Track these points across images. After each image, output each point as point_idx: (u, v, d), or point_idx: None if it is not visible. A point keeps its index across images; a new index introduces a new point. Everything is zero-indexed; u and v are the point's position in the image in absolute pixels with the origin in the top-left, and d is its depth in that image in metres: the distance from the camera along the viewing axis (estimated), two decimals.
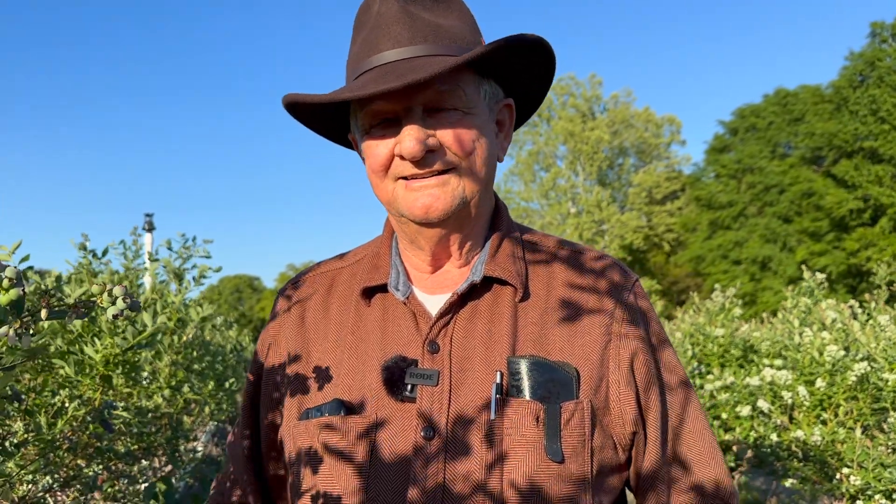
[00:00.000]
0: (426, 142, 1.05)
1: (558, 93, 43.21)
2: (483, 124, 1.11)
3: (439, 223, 1.12)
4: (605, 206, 41.33)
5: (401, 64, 1.05)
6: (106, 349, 2.28)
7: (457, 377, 1.09)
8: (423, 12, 1.10)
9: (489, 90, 1.14)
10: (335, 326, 1.21)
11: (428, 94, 1.05)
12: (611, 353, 1.12)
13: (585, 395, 1.08)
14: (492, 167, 1.14)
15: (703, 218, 39.76)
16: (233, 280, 71.42)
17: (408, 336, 1.14)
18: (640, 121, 43.11)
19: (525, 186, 43.81)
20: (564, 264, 1.20)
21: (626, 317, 1.15)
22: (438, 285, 1.19)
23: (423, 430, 1.06)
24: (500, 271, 1.14)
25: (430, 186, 1.08)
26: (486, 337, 1.11)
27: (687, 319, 5.93)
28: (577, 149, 41.93)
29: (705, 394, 4.96)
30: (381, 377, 1.11)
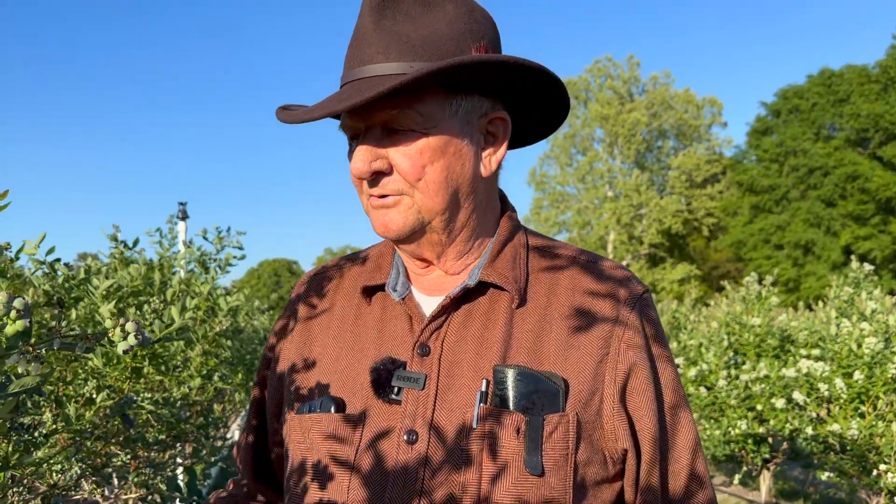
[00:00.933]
0: (372, 164, 1.06)
1: (595, 75, 42.73)
2: (445, 144, 1.07)
3: (403, 241, 1.13)
4: (643, 189, 40.84)
5: (357, 84, 1.05)
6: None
7: (444, 382, 1.08)
8: (400, 23, 1.06)
9: (468, 105, 1.09)
10: (337, 323, 1.22)
11: (384, 115, 1.04)
12: (607, 366, 1.09)
13: (573, 407, 1.05)
14: (458, 184, 1.10)
15: (745, 202, 39.08)
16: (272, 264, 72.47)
17: (401, 337, 1.14)
18: (679, 102, 42.42)
19: (561, 170, 43.49)
20: (572, 272, 1.17)
21: (630, 330, 1.11)
22: (436, 287, 1.18)
23: (406, 433, 1.06)
24: (496, 276, 1.12)
25: (385, 206, 1.09)
26: (478, 342, 1.10)
27: (723, 307, 5.83)
28: (615, 131, 41.45)
29: (740, 384, 4.89)
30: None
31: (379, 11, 1.06)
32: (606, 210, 40.87)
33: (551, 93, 1.15)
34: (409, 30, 1.05)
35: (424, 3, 1.08)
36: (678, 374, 1.17)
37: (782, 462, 5.20)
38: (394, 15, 1.06)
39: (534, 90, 1.14)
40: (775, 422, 4.54)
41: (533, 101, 1.17)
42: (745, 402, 4.85)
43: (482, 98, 1.11)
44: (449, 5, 1.08)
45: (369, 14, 1.06)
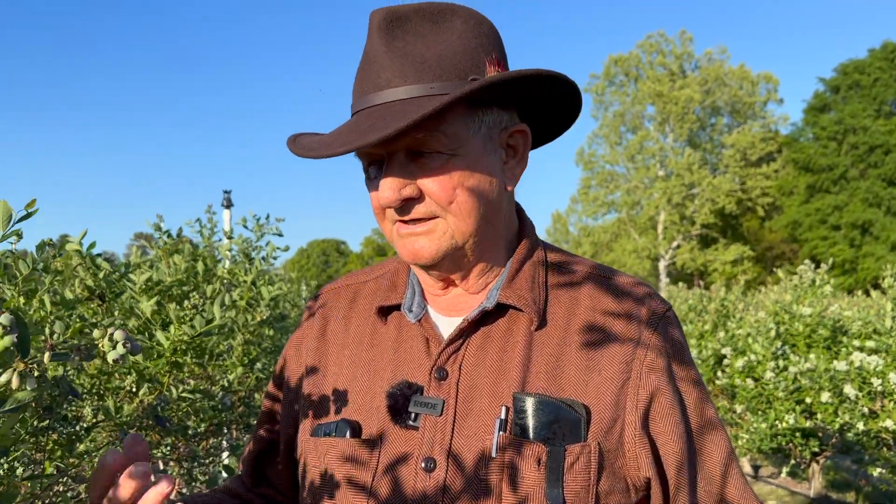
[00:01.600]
0: (402, 191, 1.03)
1: (647, 51, 41.85)
2: (472, 163, 1.05)
3: (432, 266, 1.10)
4: (695, 168, 40.01)
5: (376, 111, 1.02)
6: (174, 337, 2.35)
7: (462, 408, 1.06)
8: (412, 44, 1.03)
9: (489, 120, 1.07)
10: (353, 342, 1.20)
11: (408, 140, 1.01)
12: (629, 391, 1.05)
13: (595, 436, 1.03)
14: (487, 203, 1.08)
15: (801, 181, 37.99)
16: (320, 244, 73.37)
17: (418, 359, 1.12)
18: (734, 79, 41.31)
19: (610, 149, 42.85)
20: (591, 290, 1.14)
21: (652, 352, 1.07)
22: (453, 307, 1.16)
23: (423, 460, 1.04)
24: (515, 298, 1.09)
25: (417, 234, 1.06)
26: (497, 366, 1.07)
27: (771, 296, 5.68)
28: (667, 109, 40.62)
29: (788, 376, 4.76)
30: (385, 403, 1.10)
31: (389, 33, 1.03)
32: (657, 190, 40.18)
33: (566, 99, 1.13)
34: (422, 49, 1.03)
35: (432, 20, 1.05)
36: (706, 394, 1.12)
37: (832, 456, 5.07)
38: (404, 35, 1.04)
39: (549, 97, 1.12)
40: (824, 416, 4.42)
41: (546, 107, 1.15)
42: (793, 395, 4.72)
43: (500, 111, 1.09)
44: (457, 20, 1.06)
45: (379, 36, 1.03)
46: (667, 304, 1.13)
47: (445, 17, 1.06)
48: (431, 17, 1.05)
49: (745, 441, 5.03)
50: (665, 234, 40.93)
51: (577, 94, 1.11)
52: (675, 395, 1.07)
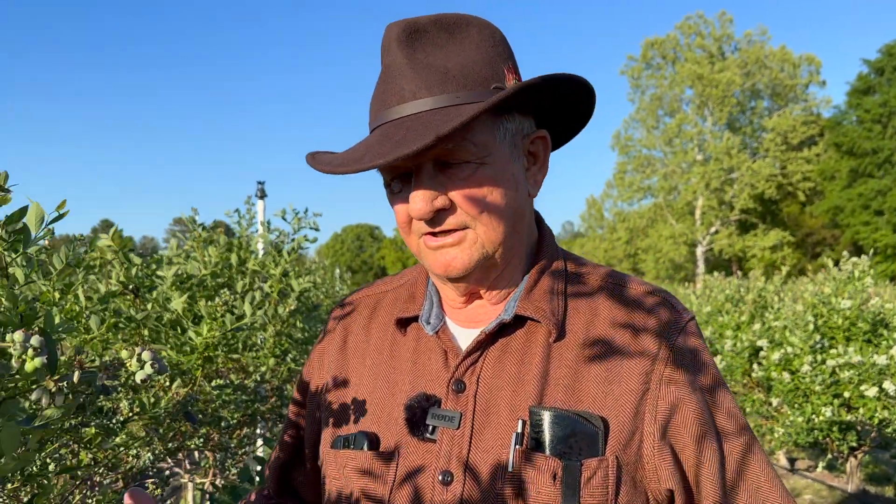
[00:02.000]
0: (433, 202, 1.03)
1: (685, 32, 41.11)
2: (499, 171, 1.05)
3: (462, 278, 1.09)
4: (734, 153, 39.32)
5: (403, 123, 1.02)
6: (204, 334, 2.38)
7: (479, 420, 1.06)
8: (433, 55, 1.04)
9: (512, 127, 1.08)
10: (373, 353, 1.21)
11: (436, 150, 1.01)
12: (648, 403, 1.05)
13: (613, 450, 1.02)
14: (514, 211, 1.08)
15: (844, 165, 37.10)
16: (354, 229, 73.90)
17: (436, 371, 1.12)
18: (775, 61, 40.40)
19: (647, 133, 42.30)
20: (609, 300, 1.13)
21: (672, 362, 1.06)
22: (472, 318, 1.15)
23: (441, 473, 1.04)
24: (533, 310, 1.09)
25: (448, 245, 1.06)
26: (515, 378, 1.07)
27: (811, 288, 5.57)
28: (706, 92, 39.92)
29: (826, 369, 4.67)
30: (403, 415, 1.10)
31: (409, 45, 1.04)
32: (695, 174, 39.59)
33: (580, 102, 1.13)
34: (443, 60, 1.04)
35: (449, 31, 1.07)
36: (731, 402, 1.10)
37: (870, 451, 4.97)
38: (423, 47, 1.05)
39: (564, 101, 1.12)
40: (864, 410, 4.33)
41: (560, 111, 1.15)
42: (830, 389, 4.63)
43: (521, 117, 1.10)
44: (472, 31, 1.08)
45: (399, 49, 1.04)
46: (688, 314, 1.12)
47: (461, 27, 1.07)
48: (448, 29, 1.07)
49: (781, 434, 4.96)
50: (703, 220, 40.37)
51: (592, 97, 1.11)
52: (696, 404, 1.05)
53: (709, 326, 6.63)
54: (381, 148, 0.99)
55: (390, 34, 1.06)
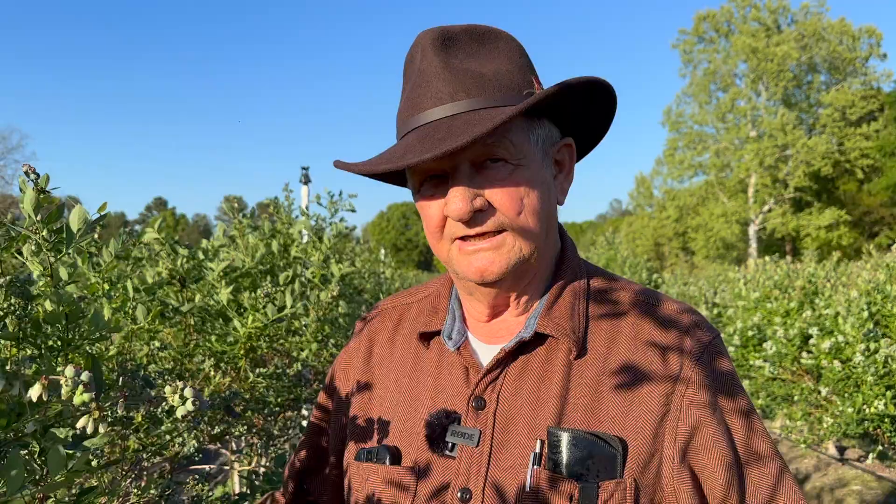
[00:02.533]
0: (473, 202, 1.02)
1: (739, 5, 39.91)
2: (535, 174, 1.06)
3: (495, 283, 1.08)
4: (790, 129, 38.19)
5: (443, 123, 1.02)
6: (247, 325, 2.43)
7: (499, 438, 1.06)
8: (466, 62, 1.05)
9: (543, 133, 1.09)
10: (396, 366, 1.22)
11: (475, 149, 1.02)
12: (668, 425, 1.03)
13: (631, 472, 1.01)
14: (548, 216, 1.09)
15: None
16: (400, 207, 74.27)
17: (457, 387, 1.12)
18: (833, 33, 38.96)
19: (699, 109, 41.36)
20: (633, 319, 1.11)
21: (694, 384, 1.05)
22: (494, 334, 1.15)
23: (459, 490, 1.05)
24: (553, 327, 1.08)
25: (485, 249, 1.05)
26: (534, 397, 1.07)
27: (864, 275, 5.41)
28: (760, 66, 38.78)
29: (879, 359, 4.55)
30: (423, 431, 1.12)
31: (444, 51, 1.05)
32: (748, 151, 38.61)
33: (604, 111, 1.14)
34: (477, 67, 1.05)
35: (479, 41, 1.08)
36: (756, 425, 1.08)
37: None
38: (457, 53, 1.06)
39: (588, 109, 1.13)
40: None
41: (584, 120, 1.16)
42: (883, 380, 4.51)
43: (550, 125, 1.11)
44: (500, 42, 1.09)
45: (434, 55, 1.05)
46: (712, 333, 1.10)
47: (490, 38, 1.09)
48: (478, 38, 1.08)
49: (830, 424, 4.86)
50: (756, 198, 39.43)
51: (613, 104, 1.12)
52: (718, 427, 1.04)
53: (757, 312, 6.51)
54: (423, 146, 0.99)
55: (424, 41, 1.07)
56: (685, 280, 11.42)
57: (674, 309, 1.12)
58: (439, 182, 1.06)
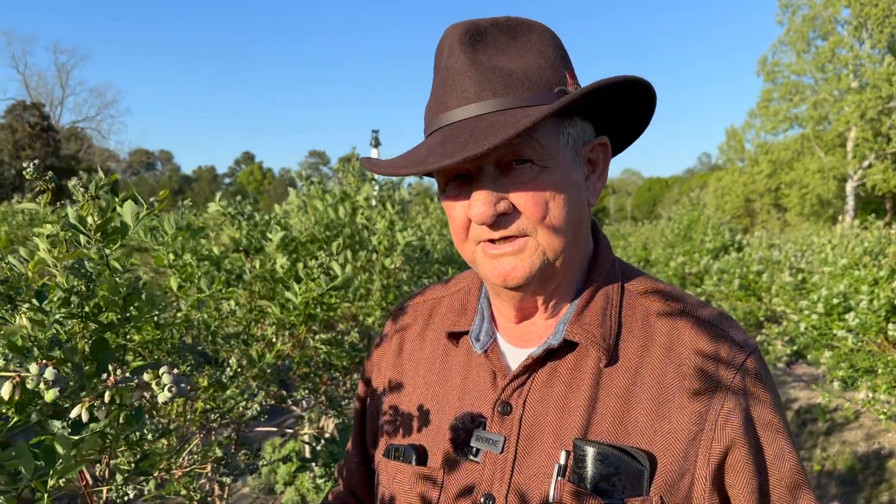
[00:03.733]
0: (496, 206, 0.99)
1: None
2: (562, 176, 1.02)
3: (519, 287, 1.06)
4: (895, 79, 35.77)
5: (467, 124, 0.98)
6: (304, 294, 2.50)
7: (523, 446, 1.04)
8: (495, 58, 1.01)
9: (574, 132, 1.05)
10: (426, 363, 1.21)
11: (499, 151, 0.98)
12: (701, 444, 1.00)
13: (658, 490, 0.98)
14: (576, 219, 1.05)
15: None
16: None
17: (483, 391, 1.11)
18: None
19: (797, 57, 39.16)
20: (668, 326, 1.07)
21: (730, 401, 1.00)
22: (524, 338, 1.13)
23: (483, 496, 1.04)
24: (583, 334, 1.05)
25: (508, 254, 1.02)
26: (562, 405, 1.05)
27: None
28: (864, 12, 36.27)
29: None
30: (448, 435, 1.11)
31: (471, 47, 1.01)
32: (849, 103, 36.43)
33: (642, 107, 1.09)
34: (506, 63, 1.01)
35: (510, 34, 1.04)
36: (790, 446, 1.03)
37: None
38: (486, 49, 1.02)
39: (624, 107, 1.08)
40: None
41: (621, 117, 1.11)
42: None
43: (582, 123, 1.07)
44: (533, 35, 1.04)
45: (461, 51, 1.01)
46: (751, 346, 1.05)
47: (522, 31, 1.04)
48: (509, 32, 1.04)
49: None
50: (855, 153, 37.32)
51: (652, 101, 1.07)
52: (752, 446, 1.00)
53: (843, 279, 6.22)
54: (446, 149, 0.97)
55: (451, 36, 1.03)
56: (771, 242, 10.99)
57: (713, 317, 1.07)
58: (464, 182, 1.03)
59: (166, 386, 0.82)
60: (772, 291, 7.88)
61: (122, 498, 1.46)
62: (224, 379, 2.37)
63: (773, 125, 40.82)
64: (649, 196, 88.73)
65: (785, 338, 7.31)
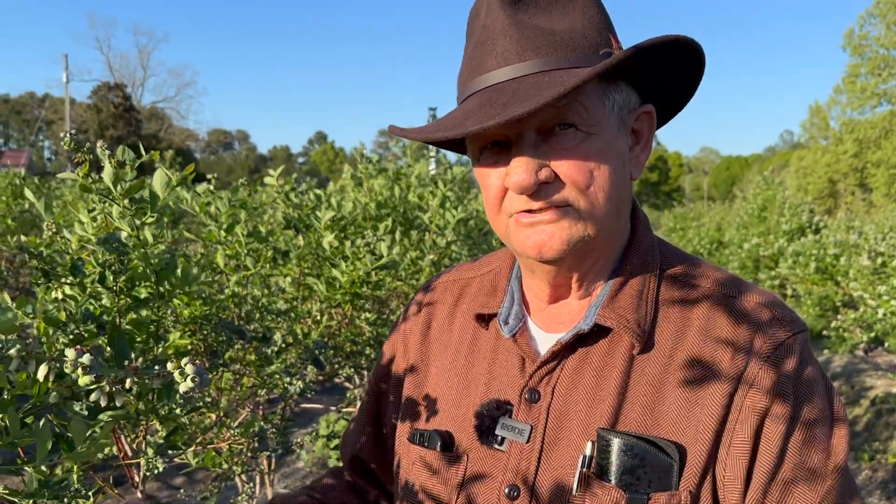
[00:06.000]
0: (538, 174, 0.93)
1: None
2: (607, 144, 0.96)
3: (555, 261, 1.00)
4: None
5: (508, 86, 0.93)
6: (350, 272, 2.51)
7: (551, 436, 1.00)
8: (536, 17, 0.95)
9: (620, 98, 0.98)
10: (454, 345, 1.16)
11: (543, 114, 0.92)
12: (726, 429, 0.94)
13: (688, 483, 0.93)
14: (620, 192, 0.98)
15: None
16: None
17: (511, 377, 1.06)
18: None
19: (887, 30, 37.20)
20: (707, 311, 1.00)
21: (757, 388, 0.94)
22: (555, 320, 1.07)
23: (507, 487, 1.00)
24: (616, 319, 0.99)
25: (544, 223, 0.96)
26: (591, 393, 0.99)
27: None
28: None
29: None
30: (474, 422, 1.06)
31: (512, 5, 0.95)
32: None
33: (689, 73, 1.01)
34: (549, 23, 0.95)
35: None
36: (820, 438, 0.95)
37: None
38: (526, 8, 0.96)
39: (671, 72, 1.01)
40: None
41: (667, 85, 1.04)
42: None
43: (628, 89, 1.01)
44: None
45: (501, 9, 0.95)
46: (793, 329, 0.97)
47: None
48: None
49: None
50: None
51: (701, 64, 0.99)
52: (788, 432, 0.93)
53: None
54: (485, 112, 0.91)
55: None
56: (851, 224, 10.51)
57: (756, 301, 1.00)
58: (501, 150, 0.97)
59: (188, 377, 0.82)
60: (849, 275, 7.54)
61: (151, 471, 1.49)
62: (270, 353, 2.41)
63: (860, 101, 39.04)
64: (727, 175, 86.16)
65: (862, 324, 7.00)
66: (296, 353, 2.51)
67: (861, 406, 6.68)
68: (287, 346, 2.48)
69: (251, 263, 2.41)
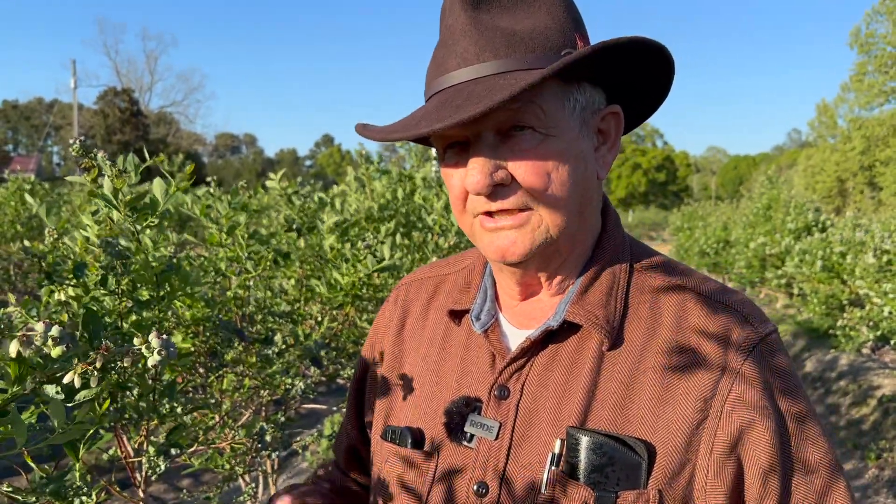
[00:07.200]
0: (494, 175, 0.93)
1: None
2: (567, 146, 0.96)
3: (519, 264, 1.01)
4: None
5: (465, 87, 0.93)
6: (350, 275, 2.53)
7: (519, 433, 1.00)
8: (499, 18, 0.95)
9: (582, 99, 0.98)
10: (427, 341, 1.17)
11: (499, 116, 0.92)
12: (704, 433, 0.93)
13: (657, 483, 0.92)
14: (582, 192, 0.99)
15: None
16: None
17: (481, 373, 1.06)
18: None
19: (893, 27, 36.98)
20: (678, 307, 1.00)
21: (738, 386, 0.93)
22: (527, 317, 1.08)
23: (476, 484, 1.00)
24: (584, 316, 0.99)
25: (506, 228, 0.97)
26: (561, 390, 0.99)
27: None
28: None
29: None
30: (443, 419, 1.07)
31: (475, 6, 0.96)
32: None
33: (657, 75, 1.01)
34: (510, 23, 0.95)
35: None
36: (811, 433, 0.95)
37: None
38: (489, 9, 0.96)
39: (639, 74, 1.01)
40: None
41: (636, 85, 1.04)
42: None
43: (592, 90, 1.00)
44: None
45: (462, 10, 0.95)
46: (767, 328, 0.98)
47: None
48: None
49: None
50: None
51: (670, 67, 0.99)
52: (764, 432, 0.93)
53: None
54: (440, 113, 0.91)
55: None
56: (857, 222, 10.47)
57: (728, 300, 1.01)
58: (462, 150, 0.97)
59: (155, 350, 0.83)
60: (856, 274, 7.52)
61: (153, 470, 1.51)
62: (271, 354, 2.43)
63: (868, 99, 38.82)
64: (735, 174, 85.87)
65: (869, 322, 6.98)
66: (296, 353, 2.53)
67: (868, 405, 6.66)
68: (288, 347, 2.50)
69: (252, 266, 2.43)
